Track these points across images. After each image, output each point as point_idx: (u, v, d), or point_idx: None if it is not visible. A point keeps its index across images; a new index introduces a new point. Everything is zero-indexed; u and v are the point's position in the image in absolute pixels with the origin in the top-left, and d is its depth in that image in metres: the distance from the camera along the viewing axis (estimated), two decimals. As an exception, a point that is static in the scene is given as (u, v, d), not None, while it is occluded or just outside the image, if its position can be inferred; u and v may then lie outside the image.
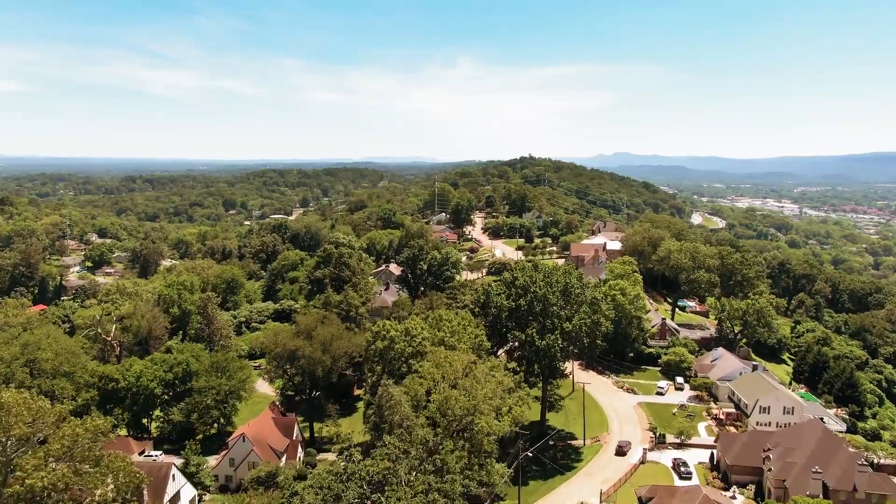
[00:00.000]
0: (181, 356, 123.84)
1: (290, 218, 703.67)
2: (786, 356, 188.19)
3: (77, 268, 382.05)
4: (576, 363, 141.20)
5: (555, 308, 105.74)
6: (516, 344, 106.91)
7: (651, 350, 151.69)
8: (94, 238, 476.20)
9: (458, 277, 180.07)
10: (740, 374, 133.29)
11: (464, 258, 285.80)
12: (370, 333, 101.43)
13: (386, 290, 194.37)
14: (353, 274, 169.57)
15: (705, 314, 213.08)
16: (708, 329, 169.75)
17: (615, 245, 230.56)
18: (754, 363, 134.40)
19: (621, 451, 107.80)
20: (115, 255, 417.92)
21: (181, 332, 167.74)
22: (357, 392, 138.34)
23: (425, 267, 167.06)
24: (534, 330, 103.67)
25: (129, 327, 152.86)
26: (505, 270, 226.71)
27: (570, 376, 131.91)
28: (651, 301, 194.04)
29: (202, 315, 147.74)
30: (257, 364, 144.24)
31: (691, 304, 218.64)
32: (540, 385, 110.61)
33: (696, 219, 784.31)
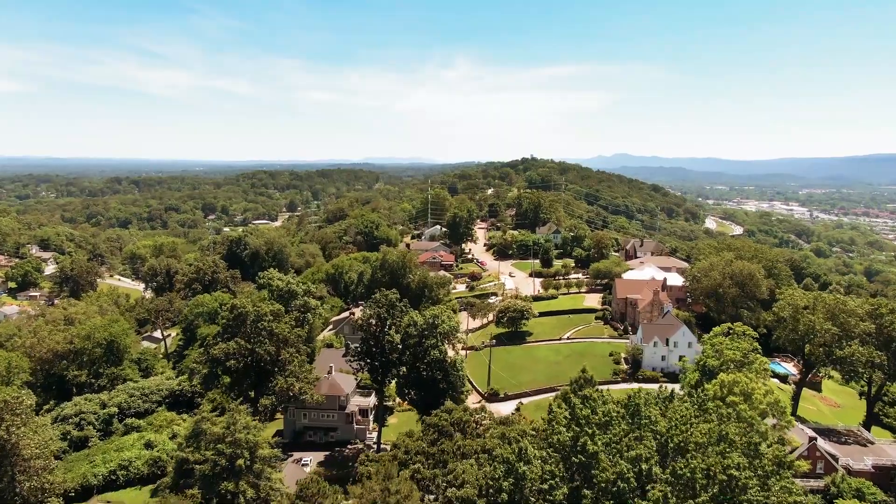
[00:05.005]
0: None
1: (276, 224, 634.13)
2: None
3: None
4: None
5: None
6: None
7: (799, 499, 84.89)
8: (34, 251, 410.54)
9: (451, 354, 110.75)
10: None
11: (461, 287, 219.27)
12: None
13: (343, 356, 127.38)
14: (283, 345, 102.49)
15: (815, 386, 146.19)
16: (870, 442, 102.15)
17: (675, 279, 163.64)
18: None
19: None
20: (48, 273, 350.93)
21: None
22: None
23: (397, 339, 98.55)
24: None
25: None
26: (520, 311, 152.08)
27: None
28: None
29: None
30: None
31: (787, 366, 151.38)
32: None
33: (711, 224, 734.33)
